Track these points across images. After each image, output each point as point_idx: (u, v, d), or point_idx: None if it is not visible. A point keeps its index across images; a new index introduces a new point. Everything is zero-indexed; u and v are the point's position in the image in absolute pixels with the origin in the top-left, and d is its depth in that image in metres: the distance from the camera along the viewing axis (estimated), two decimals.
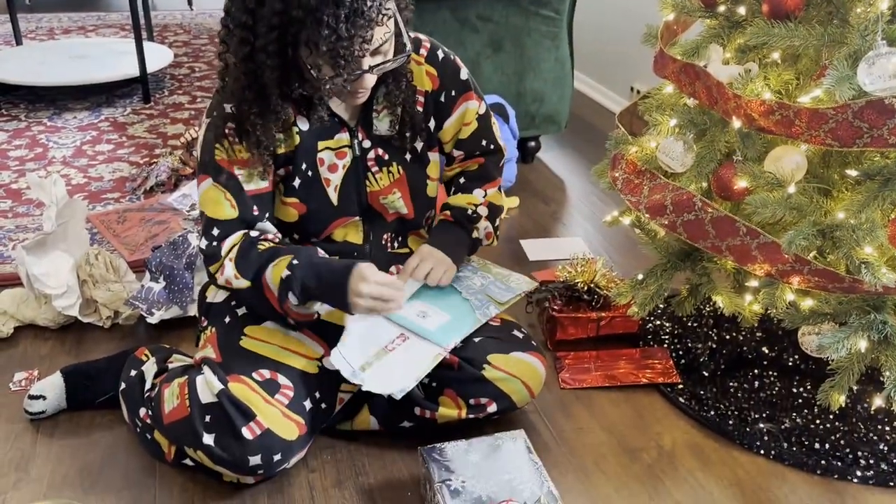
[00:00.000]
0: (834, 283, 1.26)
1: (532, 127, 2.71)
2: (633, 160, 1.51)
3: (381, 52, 1.16)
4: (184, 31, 4.36)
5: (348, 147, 1.32)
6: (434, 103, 1.37)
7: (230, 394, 1.20)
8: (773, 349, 1.71)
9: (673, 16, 1.51)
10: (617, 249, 2.23)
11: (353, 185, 1.34)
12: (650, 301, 1.54)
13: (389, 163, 1.34)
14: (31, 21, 4.40)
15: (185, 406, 1.22)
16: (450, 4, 2.43)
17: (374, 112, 1.32)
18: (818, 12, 1.33)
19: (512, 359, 1.35)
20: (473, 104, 1.42)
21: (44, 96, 3.21)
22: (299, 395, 1.25)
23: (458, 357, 1.33)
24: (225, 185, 1.24)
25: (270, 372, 1.25)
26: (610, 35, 3.39)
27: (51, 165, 2.59)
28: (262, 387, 1.23)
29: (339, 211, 1.34)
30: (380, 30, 1.12)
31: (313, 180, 1.31)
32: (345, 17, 1.06)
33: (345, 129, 1.32)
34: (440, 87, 1.36)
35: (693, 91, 1.41)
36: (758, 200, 1.28)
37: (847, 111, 1.17)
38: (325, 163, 1.31)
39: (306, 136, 1.29)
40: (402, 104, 1.31)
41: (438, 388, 1.35)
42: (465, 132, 1.43)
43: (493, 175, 1.51)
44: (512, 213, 2.44)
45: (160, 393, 1.29)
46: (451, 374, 1.33)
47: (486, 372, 1.33)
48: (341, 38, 1.06)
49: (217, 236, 1.25)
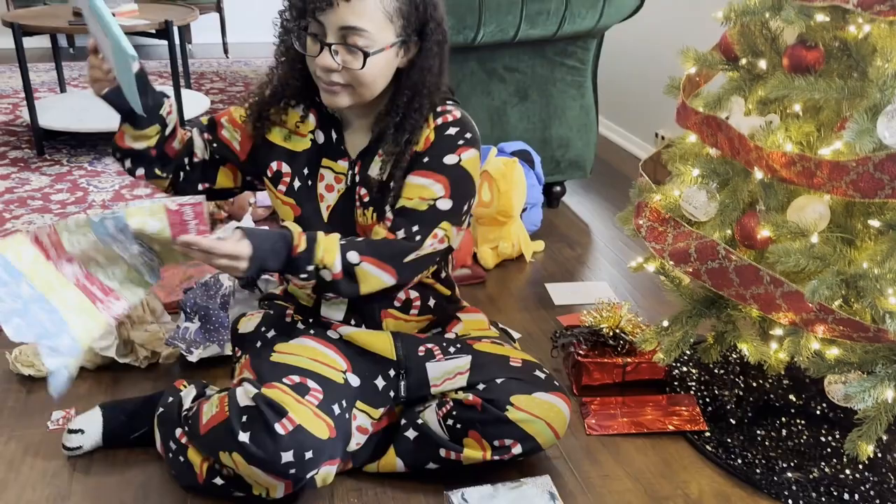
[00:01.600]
0: (859, 333, 1.27)
1: (557, 172, 2.76)
2: (658, 208, 1.54)
3: (349, 43, 1.23)
4: (220, 78, 4.51)
5: (344, 175, 1.41)
6: (412, 161, 1.36)
7: (265, 396, 1.26)
8: (801, 397, 1.71)
9: (695, 69, 1.55)
10: (642, 294, 2.24)
11: (343, 211, 1.41)
12: (676, 348, 1.55)
13: (367, 206, 1.40)
14: (74, 69, 4.58)
15: (223, 411, 1.28)
16: (477, 56, 2.50)
17: (375, 156, 1.38)
18: (838, 65, 1.36)
19: (535, 400, 1.37)
20: (438, 189, 1.33)
21: (85, 141, 3.33)
22: (328, 398, 1.30)
23: (481, 398, 1.35)
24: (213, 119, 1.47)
25: (300, 377, 1.31)
26: (634, 83, 3.45)
27: (90, 209, 2.68)
28: (293, 389, 1.28)
29: (328, 227, 1.40)
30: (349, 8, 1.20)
31: (311, 190, 1.42)
32: None
33: (346, 159, 1.40)
34: (425, 151, 1.35)
35: (715, 142, 1.45)
36: (781, 250, 1.30)
37: (868, 163, 1.19)
38: (324, 179, 1.41)
39: (317, 147, 1.41)
40: (396, 160, 1.34)
41: (463, 430, 1.36)
42: (413, 205, 1.34)
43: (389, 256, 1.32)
44: (537, 257, 2.47)
45: (199, 409, 1.35)
46: (475, 415, 1.35)
47: (509, 413, 1.34)
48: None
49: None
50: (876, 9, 1.19)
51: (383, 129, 1.35)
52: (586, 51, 2.62)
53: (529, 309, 2.15)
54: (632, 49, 3.42)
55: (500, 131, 2.61)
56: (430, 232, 1.34)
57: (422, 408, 1.42)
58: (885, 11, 1.19)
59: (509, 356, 1.44)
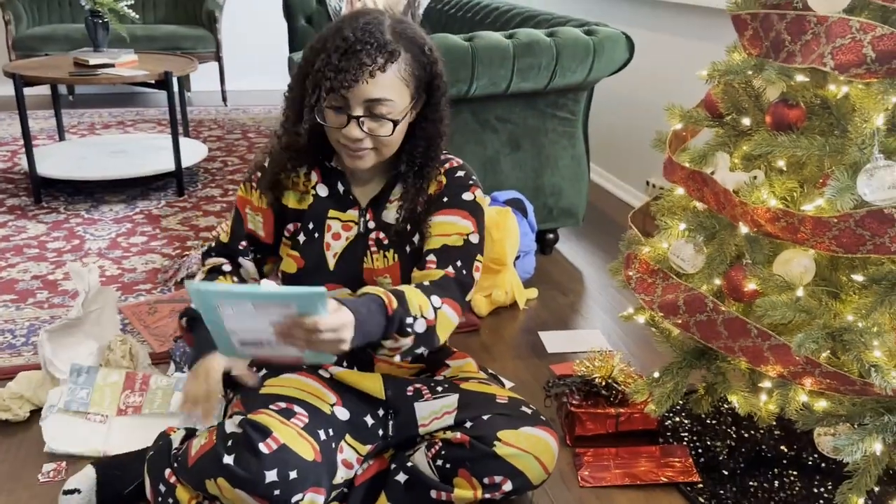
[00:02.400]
0: (846, 386, 1.28)
1: (550, 220, 2.79)
2: (646, 260, 1.56)
3: (376, 112, 1.28)
4: (218, 126, 4.57)
5: (355, 223, 1.45)
6: (430, 203, 1.43)
7: (250, 419, 1.28)
8: (793, 448, 1.71)
9: (680, 125, 1.59)
10: (635, 342, 2.26)
11: (351, 257, 1.44)
12: (667, 399, 1.56)
13: (388, 248, 1.44)
14: (73, 116, 4.64)
15: (211, 440, 1.30)
16: (471, 107, 2.55)
17: (388, 202, 1.44)
18: (820, 122, 1.40)
19: (522, 434, 1.37)
20: (468, 224, 1.40)
21: (83, 189, 3.36)
22: (314, 423, 1.32)
23: (469, 436, 1.36)
24: (234, 218, 1.50)
25: (287, 403, 1.34)
26: (626, 133, 3.51)
27: (87, 257, 2.70)
28: (279, 413, 1.31)
29: (333, 275, 1.44)
30: (372, 82, 1.25)
31: (318, 242, 1.45)
32: (343, 50, 1.24)
33: (356, 208, 1.45)
34: (440, 193, 1.43)
35: (702, 196, 1.48)
36: (768, 303, 1.32)
37: (849, 220, 1.22)
38: (331, 229, 1.45)
39: (321, 201, 1.45)
40: (412, 205, 1.41)
41: (453, 470, 1.37)
42: (450, 241, 1.39)
43: (456, 295, 1.35)
44: (531, 304, 2.49)
45: (188, 445, 1.36)
46: (463, 453, 1.36)
47: (497, 448, 1.35)
48: (330, 64, 1.25)
49: (213, 247, 1.52)
50: (852, 72, 1.23)
51: (396, 177, 1.43)
52: (577, 103, 2.68)
53: (523, 357, 2.16)
54: (623, 100, 3.49)
55: (493, 180, 2.65)
56: (473, 265, 1.40)
57: (411, 451, 1.42)
58: (860, 74, 1.23)
59: (496, 394, 1.45)
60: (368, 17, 1.29)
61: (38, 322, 2.21)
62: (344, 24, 1.28)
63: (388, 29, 1.28)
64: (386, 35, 1.27)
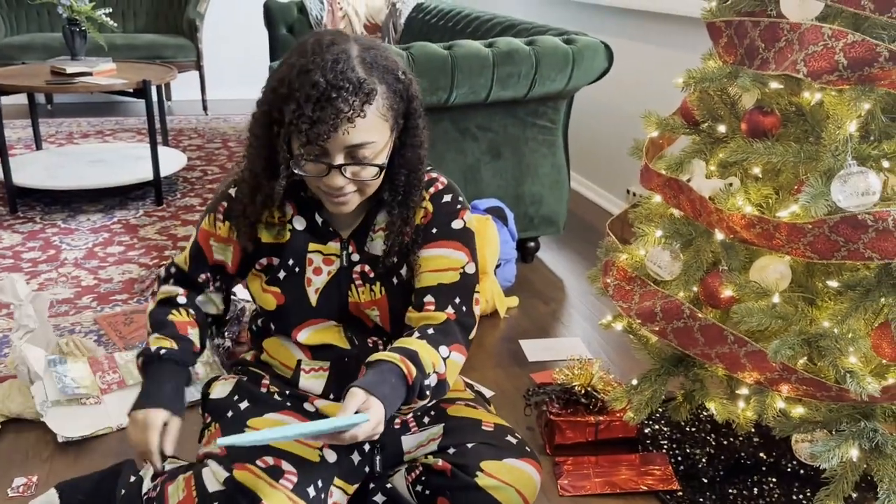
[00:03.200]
0: (822, 392, 1.28)
1: (531, 228, 2.79)
2: (624, 267, 1.56)
3: (358, 156, 1.20)
4: (198, 135, 4.54)
5: (336, 256, 1.37)
6: (418, 234, 1.36)
7: (236, 481, 1.22)
8: (771, 454, 1.71)
9: (657, 132, 1.59)
10: (615, 350, 2.25)
11: (335, 291, 1.37)
12: (646, 406, 1.56)
13: (374, 281, 1.37)
14: (51, 126, 4.59)
15: (191, 497, 1.23)
16: (451, 115, 2.55)
17: (371, 232, 1.36)
18: (795, 129, 1.41)
19: (505, 466, 1.35)
20: (461, 256, 1.35)
21: (60, 199, 3.32)
22: (303, 481, 1.26)
23: (451, 463, 1.34)
24: (195, 247, 1.41)
25: (274, 459, 1.27)
26: (606, 141, 3.52)
27: (62, 267, 2.66)
28: (266, 472, 1.24)
29: (316, 311, 1.37)
30: (351, 130, 1.16)
31: (298, 277, 1.36)
32: (315, 99, 1.13)
33: (337, 240, 1.36)
34: (429, 223, 1.36)
35: (678, 203, 1.48)
36: (744, 309, 1.32)
37: (823, 226, 1.22)
38: (312, 263, 1.36)
39: (300, 235, 1.36)
40: (399, 235, 1.33)
41: (432, 497, 1.34)
42: (446, 278, 1.34)
43: (460, 339, 1.32)
44: (511, 312, 2.48)
45: (163, 491, 1.30)
46: (444, 482, 1.33)
47: (479, 479, 1.33)
48: (303, 117, 1.14)
49: (172, 273, 1.43)
50: (825, 78, 1.24)
51: (378, 204, 1.34)
52: (557, 111, 2.69)
53: (503, 365, 2.15)
54: (603, 108, 3.51)
55: (473, 189, 2.65)
56: (473, 300, 1.35)
57: (391, 472, 1.40)
58: (833, 81, 1.24)
59: (482, 420, 1.43)
60: (335, 52, 1.16)
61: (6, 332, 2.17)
62: (310, 66, 1.15)
63: (359, 62, 1.17)
64: (358, 72, 1.16)
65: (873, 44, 1.19)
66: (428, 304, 1.33)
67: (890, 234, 1.18)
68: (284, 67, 1.18)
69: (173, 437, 1.27)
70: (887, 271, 1.26)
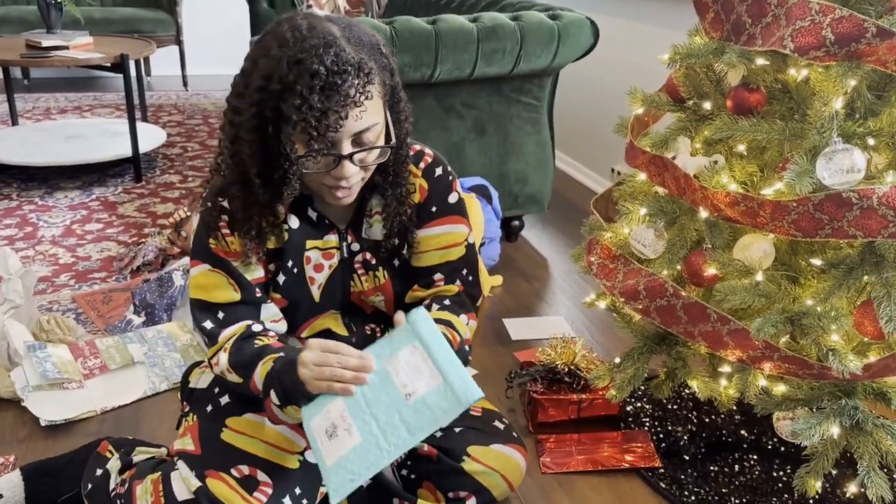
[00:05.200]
0: (804, 370, 1.28)
1: (516, 207, 2.78)
2: (608, 245, 1.55)
3: (363, 142, 1.14)
4: (178, 111, 4.47)
5: (336, 249, 1.31)
6: (417, 214, 1.33)
7: (208, 492, 1.18)
8: (753, 432, 1.72)
9: (642, 109, 1.58)
10: (599, 329, 2.25)
11: (337, 284, 1.33)
12: (628, 384, 1.56)
13: (376, 267, 1.33)
14: (28, 101, 4.50)
15: (158, 500, 1.20)
16: (435, 92, 2.52)
17: (367, 218, 1.32)
18: (781, 106, 1.40)
19: (492, 452, 1.34)
20: (463, 229, 1.35)
21: (36, 175, 3.26)
22: (279, 492, 1.23)
23: (437, 448, 1.33)
24: (225, 271, 1.25)
25: (249, 468, 1.23)
26: (591, 119, 3.50)
27: (39, 245, 2.62)
28: (240, 484, 1.20)
29: (319, 307, 1.34)
30: (361, 113, 1.10)
31: (298, 278, 1.30)
32: (319, 88, 1.05)
33: (334, 232, 1.31)
34: (426, 200, 1.33)
35: (662, 181, 1.47)
36: (727, 287, 1.32)
37: (808, 204, 1.22)
38: (311, 261, 1.30)
39: (295, 234, 1.29)
40: (396, 213, 1.29)
41: (417, 481, 1.34)
42: (453, 254, 1.34)
43: (472, 308, 1.35)
44: (495, 291, 2.47)
45: (131, 490, 1.26)
46: (429, 466, 1.33)
47: (465, 465, 1.32)
48: (313, 109, 1.05)
49: (222, 320, 1.24)
50: (811, 54, 1.23)
51: (370, 189, 1.29)
52: (542, 88, 2.66)
53: (487, 344, 2.14)
54: (588, 86, 3.48)
55: (458, 166, 2.63)
56: (478, 269, 1.38)
57: None
58: (819, 57, 1.23)
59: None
60: (320, 36, 1.07)
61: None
62: (300, 55, 1.06)
63: (346, 42, 1.09)
64: (351, 53, 1.08)
65: (861, 19, 1.18)
66: (438, 281, 1.34)
67: (874, 211, 1.18)
68: (267, 61, 1.08)
69: (337, 344, 1.15)
70: (871, 249, 1.26)
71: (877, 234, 1.20)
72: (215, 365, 1.24)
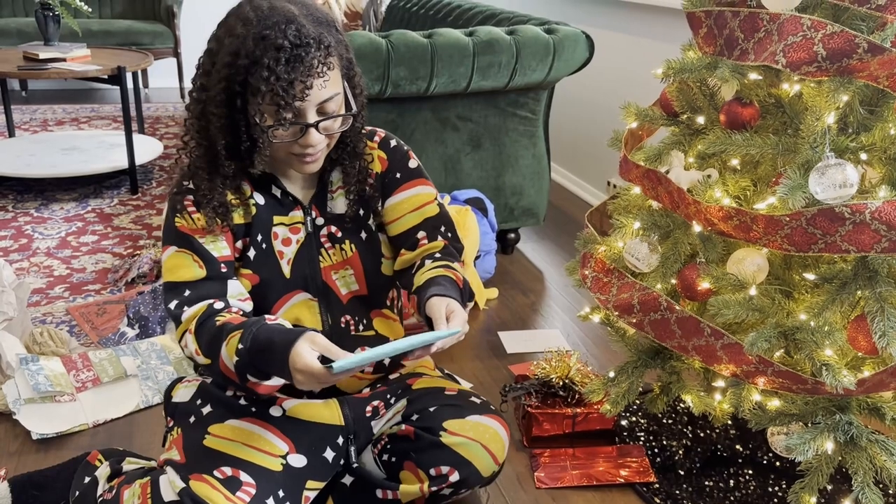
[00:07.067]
0: (798, 385, 1.28)
1: (511, 219, 2.78)
2: (602, 259, 1.55)
3: (327, 111, 1.22)
4: (175, 123, 4.47)
5: (301, 224, 1.36)
6: (381, 184, 1.40)
7: (191, 492, 1.19)
8: (748, 447, 1.71)
9: (636, 123, 1.58)
10: (594, 342, 2.25)
11: (305, 259, 1.36)
12: (622, 398, 1.55)
13: (342, 240, 1.37)
14: (25, 113, 4.51)
15: (146, 502, 1.21)
16: (431, 105, 2.52)
17: (330, 193, 1.37)
18: (774, 121, 1.40)
19: (468, 423, 1.34)
20: (430, 189, 1.42)
21: (33, 187, 3.26)
22: (262, 493, 1.23)
23: (414, 427, 1.33)
24: (190, 248, 1.27)
25: (232, 469, 1.24)
26: (587, 132, 3.51)
27: (34, 256, 2.61)
28: (223, 484, 1.21)
29: (290, 284, 1.35)
30: (324, 83, 1.18)
31: (267, 253, 1.34)
32: (285, 60, 1.14)
33: (299, 208, 1.36)
34: (387, 169, 1.40)
35: (656, 195, 1.47)
36: (721, 301, 1.31)
37: (801, 218, 1.22)
38: (279, 237, 1.35)
39: (262, 209, 1.34)
40: (357, 184, 1.36)
41: (398, 464, 1.33)
42: (429, 211, 1.41)
43: (459, 259, 1.41)
44: (491, 304, 2.47)
45: (119, 495, 1.27)
46: (408, 445, 1.33)
47: (443, 438, 1.31)
48: (280, 79, 1.14)
49: (187, 298, 1.25)
50: (804, 69, 1.23)
51: (331, 163, 1.35)
52: (537, 102, 2.67)
53: (482, 357, 2.14)
54: (584, 99, 3.50)
55: (453, 179, 2.63)
56: (454, 226, 1.44)
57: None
58: (812, 72, 1.23)
59: (445, 387, 1.42)
60: (281, 14, 1.16)
61: None
62: (265, 31, 1.14)
63: (305, 19, 1.18)
64: (310, 28, 1.17)
65: (852, 35, 1.19)
66: (422, 240, 1.40)
67: (866, 226, 1.18)
68: (233, 39, 1.16)
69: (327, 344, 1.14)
70: (864, 264, 1.26)
71: (870, 248, 1.20)
72: (184, 347, 1.27)
